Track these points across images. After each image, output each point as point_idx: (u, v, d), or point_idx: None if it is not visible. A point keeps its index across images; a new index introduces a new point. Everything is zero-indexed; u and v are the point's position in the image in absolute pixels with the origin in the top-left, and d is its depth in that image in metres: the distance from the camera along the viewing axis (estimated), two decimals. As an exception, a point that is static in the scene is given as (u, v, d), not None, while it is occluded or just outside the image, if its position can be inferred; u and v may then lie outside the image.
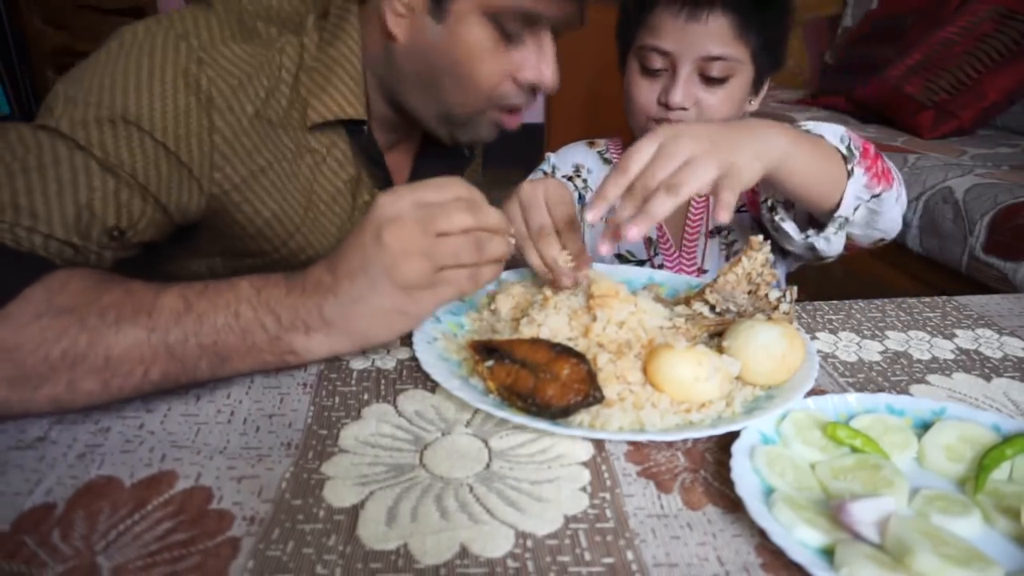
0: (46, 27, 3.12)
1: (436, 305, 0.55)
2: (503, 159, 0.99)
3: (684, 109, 0.90)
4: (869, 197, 0.73)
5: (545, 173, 1.05)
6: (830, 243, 0.77)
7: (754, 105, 0.99)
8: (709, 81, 0.89)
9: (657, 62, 0.91)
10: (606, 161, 1.07)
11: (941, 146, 1.91)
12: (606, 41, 1.01)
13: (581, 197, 1.04)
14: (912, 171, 1.70)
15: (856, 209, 0.73)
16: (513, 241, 0.58)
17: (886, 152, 1.97)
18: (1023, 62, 1.95)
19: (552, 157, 1.08)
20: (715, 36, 0.87)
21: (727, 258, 1.00)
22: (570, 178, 1.04)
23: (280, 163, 0.72)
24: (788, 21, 0.95)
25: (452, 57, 0.71)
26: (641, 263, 1.00)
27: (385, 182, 0.81)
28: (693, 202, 0.98)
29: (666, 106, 0.90)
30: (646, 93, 0.93)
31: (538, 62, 0.74)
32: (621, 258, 1.01)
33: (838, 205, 0.72)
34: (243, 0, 0.71)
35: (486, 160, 1.04)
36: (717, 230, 0.99)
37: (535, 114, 3.79)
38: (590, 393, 0.51)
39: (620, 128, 1.09)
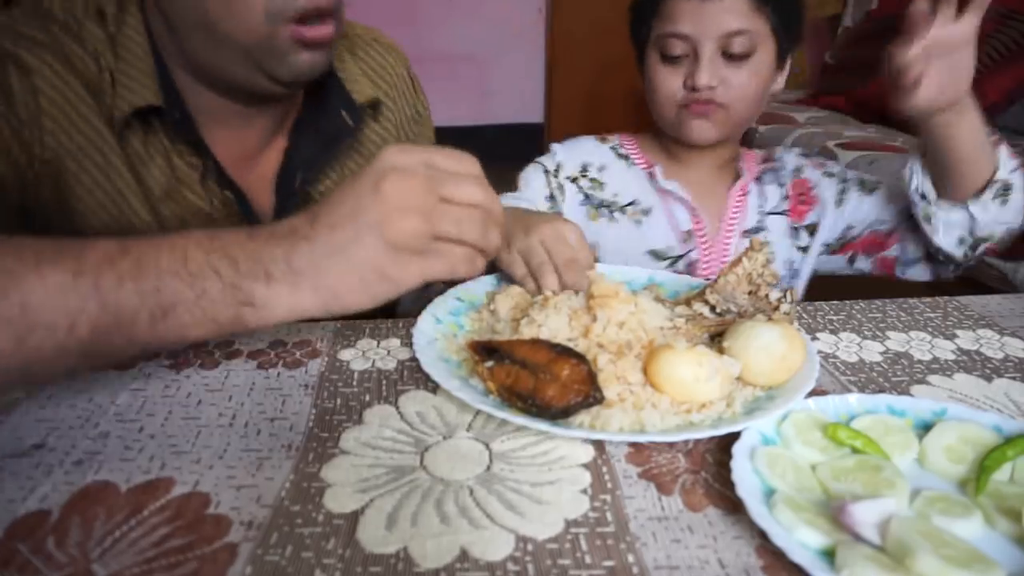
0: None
1: (421, 276, 0.49)
2: (503, 159, 0.98)
3: (712, 88, 0.89)
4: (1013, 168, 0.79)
5: (546, 171, 1.02)
6: (987, 211, 0.81)
7: (780, 83, 0.98)
8: (732, 58, 0.88)
9: (678, 48, 0.90)
10: (621, 156, 1.03)
11: (941, 146, 1.91)
12: (606, 41, 1.00)
13: (587, 197, 1.01)
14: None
15: (1012, 174, 0.79)
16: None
17: (886, 152, 1.98)
18: (1023, 62, 1.95)
19: (558, 151, 1.03)
20: (732, 11, 0.87)
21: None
22: (574, 179, 1.01)
23: (106, 153, 0.68)
24: None
25: None
26: (678, 258, 0.98)
27: (217, 173, 0.73)
28: (733, 201, 0.98)
29: (693, 88, 0.90)
30: (670, 81, 0.92)
31: None
32: (656, 254, 0.98)
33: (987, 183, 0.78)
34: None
35: (484, 160, 1.01)
36: (755, 230, 0.98)
37: (535, 114, 3.80)
38: (590, 394, 0.51)
39: (620, 130, 1.08)
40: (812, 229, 0.98)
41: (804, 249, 0.99)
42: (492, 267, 0.73)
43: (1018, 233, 0.84)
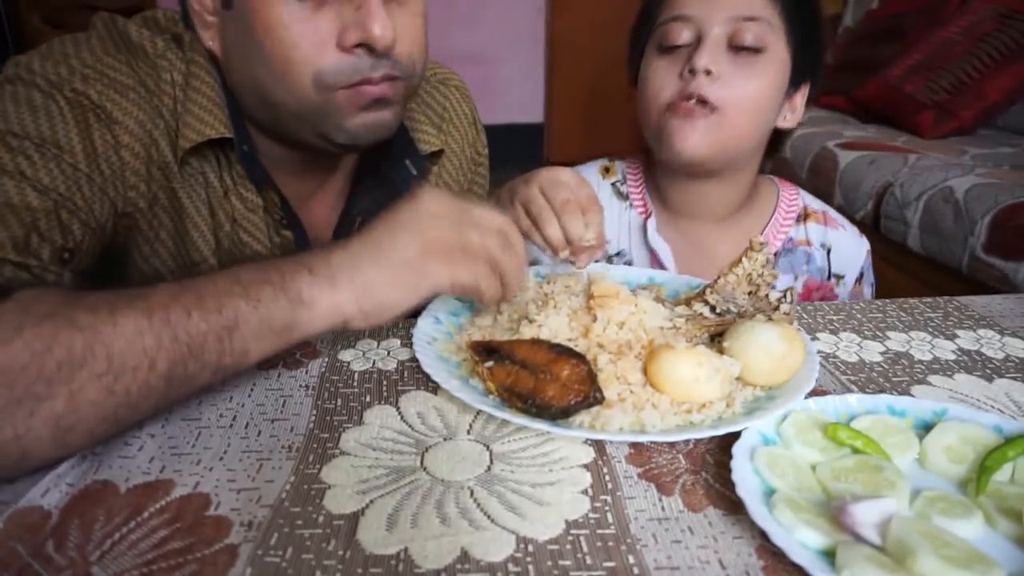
0: (45, 27, 3.12)
1: (450, 279, 0.53)
2: (503, 159, 0.97)
3: (709, 74, 0.77)
4: None
5: None
6: None
7: (790, 119, 0.88)
8: (741, 51, 0.78)
9: (680, 33, 0.79)
10: (620, 196, 0.94)
11: (941, 146, 1.91)
12: (606, 41, 0.98)
13: None
14: (912, 171, 1.69)
15: None
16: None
17: (886, 152, 1.98)
18: (1023, 62, 1.95)
19: None
20: None
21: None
22: None
23: (175, 192, 0.67)
24: (819, 20, 0.85)
25: (255, 43, 0.61)
26: None
27: (291, 216, 0.73)
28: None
29: (691, 71, 0.78)
30: (663, 74, 0.80)
31: (358, 15, 0.60)
32: None
33: None
34: (120, 19, 0.68)
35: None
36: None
37: (535, 114, 3.79)
38: (590, 394, 0.51)
39: (620, 130, 1.07)
40: None
41: None
42: None
43: None
